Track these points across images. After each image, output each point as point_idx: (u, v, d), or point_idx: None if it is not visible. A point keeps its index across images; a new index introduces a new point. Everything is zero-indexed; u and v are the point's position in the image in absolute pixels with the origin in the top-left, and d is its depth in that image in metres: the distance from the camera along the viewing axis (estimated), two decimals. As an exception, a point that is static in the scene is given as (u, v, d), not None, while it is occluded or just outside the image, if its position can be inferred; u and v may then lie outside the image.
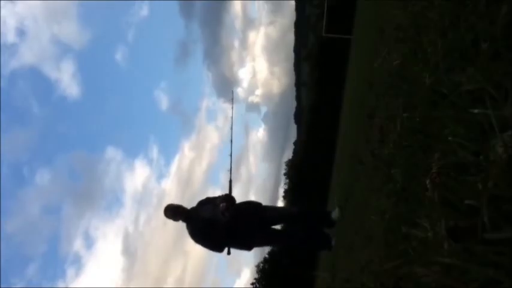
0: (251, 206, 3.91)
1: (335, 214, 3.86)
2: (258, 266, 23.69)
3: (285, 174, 35.03)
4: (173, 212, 3.80)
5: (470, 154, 0.98)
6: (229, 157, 4.17)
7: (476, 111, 0.99)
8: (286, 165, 36.27)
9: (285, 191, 32.16)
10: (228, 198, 3.75)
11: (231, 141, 4.40)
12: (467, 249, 0.81)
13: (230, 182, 3.96)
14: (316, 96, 22.01)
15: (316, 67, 22.49)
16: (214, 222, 3.63)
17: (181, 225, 3.85)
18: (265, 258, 23.39)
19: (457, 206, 0.93)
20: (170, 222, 3.84)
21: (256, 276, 22.82)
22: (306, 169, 21.37)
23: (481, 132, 0.96)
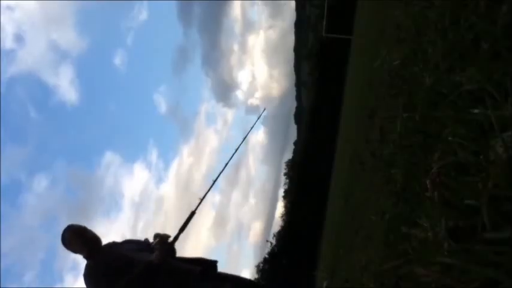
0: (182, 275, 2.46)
1: None
2: (258, 266, 23.70)
3: (285, 175, 35.04)
4: (80, 234, 2.47)
5: (470, 154, 0.98)
6: (225, 163, 3.03)
7: (476, 111, 0.99)
8: (286, 165, 36.27)
9: (285, 191, 32.17)
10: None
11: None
12: (467, 249, 0.81)
13: (192, 214, 2.69)
14: (316, 96, 22.03)
15: (316, 67, 22.52)
16: (134, 264, 2.41)
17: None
18: (265, 259, 23.40)
19: (457, 206, 0.93)
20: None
21: (256, 276, 22.84)
22: (306, 169, 21.37)
23: (481, 132, 0.96)
